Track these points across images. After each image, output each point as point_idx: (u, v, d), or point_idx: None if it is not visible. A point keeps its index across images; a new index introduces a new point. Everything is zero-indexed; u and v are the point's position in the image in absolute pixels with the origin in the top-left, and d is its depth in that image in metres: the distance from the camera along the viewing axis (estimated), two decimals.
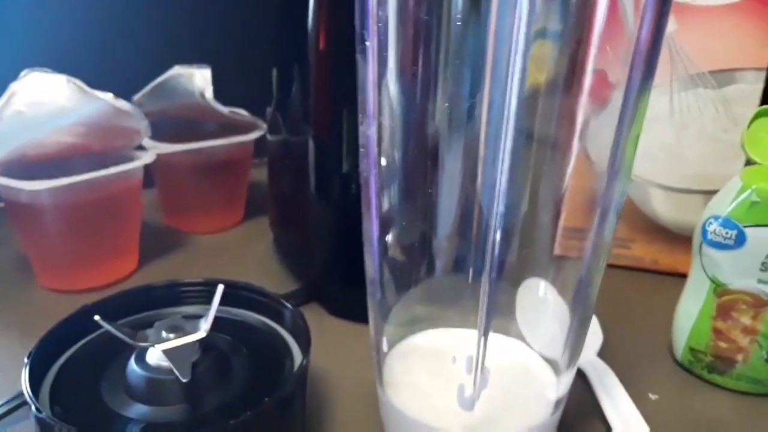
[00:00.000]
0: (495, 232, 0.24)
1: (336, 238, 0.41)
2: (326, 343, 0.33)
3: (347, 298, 0.40)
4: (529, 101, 0.25)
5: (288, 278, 0.44)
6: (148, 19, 0.55)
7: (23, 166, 0.41)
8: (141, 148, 0.45)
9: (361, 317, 0.39)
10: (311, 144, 0.39)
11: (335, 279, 0.41)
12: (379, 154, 0.28)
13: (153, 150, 0.44)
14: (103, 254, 0.42)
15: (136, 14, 0.54)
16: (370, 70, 0.26)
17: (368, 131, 0.28)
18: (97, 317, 0.27)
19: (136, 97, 0.49)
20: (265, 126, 0.49)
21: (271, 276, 0.45)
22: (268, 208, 0.48)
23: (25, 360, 0.27)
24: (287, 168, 0.44)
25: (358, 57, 0.26)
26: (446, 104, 0.27)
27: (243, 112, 0.51)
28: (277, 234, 0.48)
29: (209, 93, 0.46)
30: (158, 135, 0.45)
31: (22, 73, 0.40)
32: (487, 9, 0.23)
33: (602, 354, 0.36)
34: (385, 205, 0.29)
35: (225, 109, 0.48)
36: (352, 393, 0.33)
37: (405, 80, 0.26)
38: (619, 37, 0.25)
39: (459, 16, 0.23)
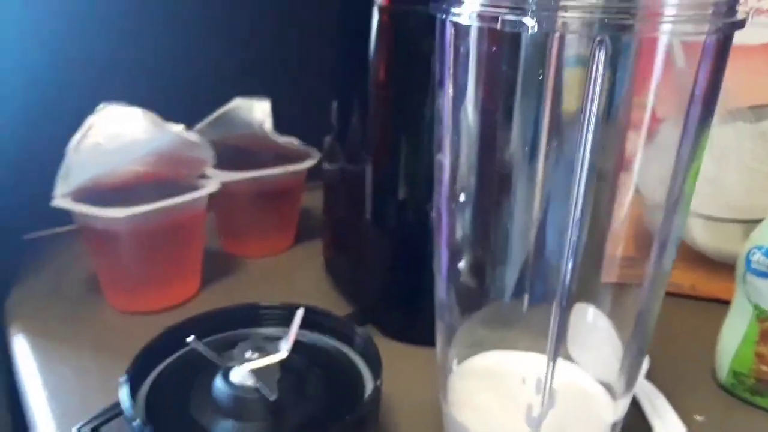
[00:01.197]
0: (568, 261, 0.26)
1: (391, 263, 0.43)
2: (384, 365, 0.35)
3: (402, 320, 0.43)
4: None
5: (340, 301, 0.47)
6: (211, 54, 0.58)
7: (96, 193, 0.44)
8: (203, 175, 0.47)
9: (416, 339, 0.42)
10: (369, 172, 0.42)
11: (390, 302, 0.44)
12: (452, 184, 0.30)
13: (216, 178, 0.47)
14: (169, 277, 0.45)
15: (200, 49, 0.58)
16: (446, 104, 0.28)
17: (443, 161, 0.30)
18: (190, 338, 0.29)
19: (199, 126, 0.51)
20: (317, 155, 0.52)
21: (323, 298, 0.47)
22: (322, 232, 0.50)
23: (123, 377, 0.29)
24: (344, 195, 0.46)
25: (437, 91, 0.28)
26: (518, 138, 0.29)
27: (296, 141, 0.54)
28: (330, 258, 0.50)
29: (268, 124, 0.49)
30: (218, 162, 0.47)
31: (99, 107, 0.43)
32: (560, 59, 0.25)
33: (649, 376, 0.38)
34: (457, 233, 0.31)
35: (281, 139, 0.50)
36: (414, 412, 0.35)
37: (480, 114, 0.28)
38: (668, 75, 0.28)
39: (534, 64, 0.25)
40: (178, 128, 0.43)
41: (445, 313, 0.33)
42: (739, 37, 0.42)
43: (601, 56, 0.21)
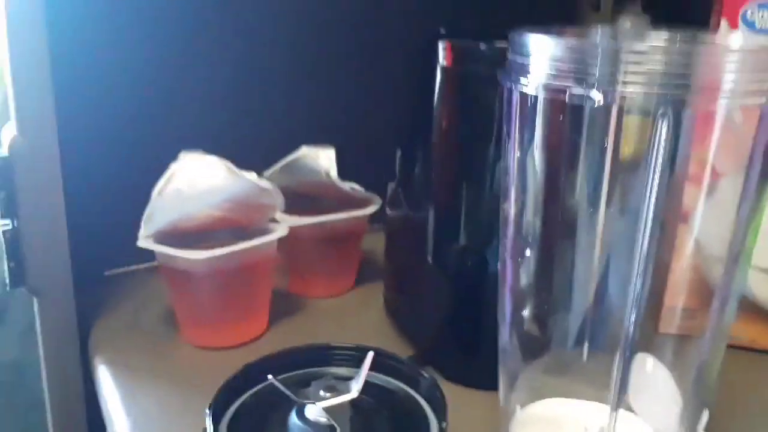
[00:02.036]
0: (632, 312, 0.28)
1: (452, 307, 0.45)
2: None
3: (462, 364, 0.44)
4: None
5: (400, 342, 0.48)
6: (280, 105, 0.62)
7: (175, 235, 0.47)
8: (273, 220, 0.50)
9: (475, 383, 0.43)
10: (431, 218, 0.44)
11: (450, 346, 0.45)
12: (517, 234, 0.32)
13: (284, 223, 0.49)
14: (241, 315, 0.48)
15: (273, 100, 0.62)
16: (512, 160, 0.30)
17: (508, 211, 0.32)
18: (270, 376, 0.32)
19: (268, 173, 0.55)
20: (379, 201, 0.54)
21: (384, 339, 0.49)
22: (384, 275, 0.52)
23: (208, 409, 0.32)
24: (406, 240, 0.49)
25: (504, 146, 0.30)
26: (581, 190, 0.31)
27: (358, 187, 0.56)
28: (390, 300, 0.52)
29: (333, 172, 0.52)
30: (286, 207, 0.50)
31: (181, 155, 0.47)
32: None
33: (708, 429, 0.38)
34: (521, 282, 0.33)
35: (346, 186, 0.53)
36: None
37: (544, 170, 0.30)
38: (727, 135, 0.29)
39: (596, 131, 0.27)
40: (252, 175, 0.46)
41: (508, 359, 0.34)
42: None
43: (663, 128, 0.23)
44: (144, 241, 0.46)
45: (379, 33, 0.64)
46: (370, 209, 0.53)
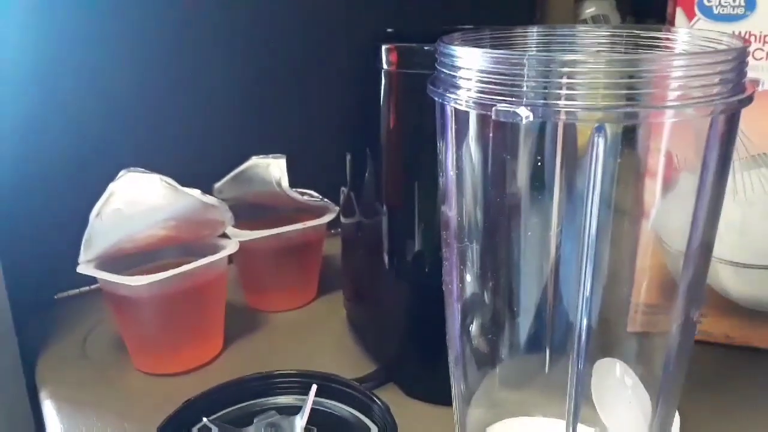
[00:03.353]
0: (582, 318, 0.26)
1: (411, 318, 0.43)
2: (406, 427, 0.34)
3: (424, 379, 0.42)
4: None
5: (363, 357, 0.46)
6: (228, 115, 0.60)
7: (119, 257, 0.45)
8: (223, 234, 0.48)
9: (438, 399, 0.41)
10: (385, 223, 0.42)
11: (411, 360, 0.43)
12: (460, 237, 0.30)
13: (235, 238, 0.47)
14: (192, 338, 0.45)
15: (217, 112, 0.59)
16: (448, 171, 0.28)
17: (449, 213, 0.30)
18: (205, 419, 0.29)
19: (217, 185, 0.52)
20: (336, 208, 0.52)
21: (346, 355, 0.47)
22: (342, 286, 0.50)
23: None
24: (361, 248, 0.46)
25: (440, 155, 0.28)
26: (526, 192, 0.29)
27: (314, 193, 0.54)
28: (350, 312, 0.50)
29: (285, 182, 0.49)
30: (237, 219, 0.48)
31: (120, 174, 0.44)
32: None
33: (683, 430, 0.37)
34: (467, 287, 0.31)
35: (299, 196, 0.51)
36: None
37: (482, 180, 0.28)
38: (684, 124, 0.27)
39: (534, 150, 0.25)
40: (195, 192, 0.44)
41: (460, 373, 0.32)
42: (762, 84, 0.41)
43: (600, 143, 0.21)
44: (84, 267, 0.44)
45: (324, 37, 0.62)
46: (326, 218, 0.51)
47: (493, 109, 0.21)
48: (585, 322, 0.29)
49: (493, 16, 0.56)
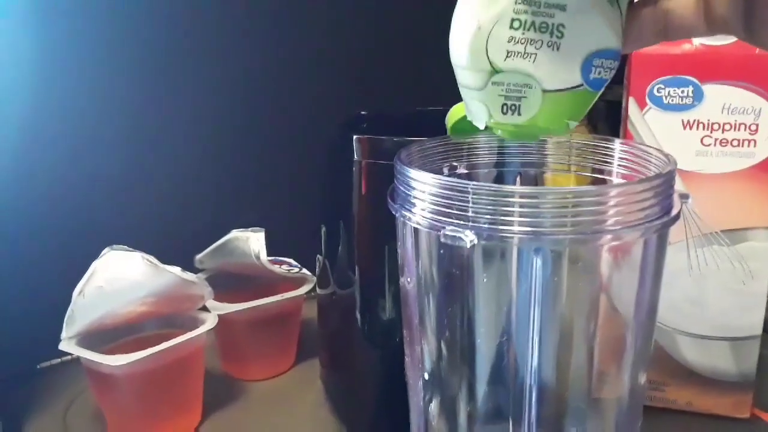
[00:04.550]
0: (531, 390, 0.27)
1: (383, 386, 0.44)
2: None
3: None
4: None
5: (339, 428, 0.47)
6: (210, 189, 0.63)
7: (100, 333, 0.46)
8: (203, 307, 0.49)
9: None
10: (358, 293, 0.44)
11: (384, 430, 0.44)
12: (420, 314, 0.31)
13: (215, 311, 0.49)
14: (172, 413, 0.46)
15: (200, 185, 0.62)
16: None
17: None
18: None
19: (198, 256, 0.54)
20: (313, 279, 0.53)
21: (322, 426, 0.48)
22: (319, 354, 0.52)
23: None
24: (335, 315, 0.48)
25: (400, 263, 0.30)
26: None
27: (293, 261, 0.56)
28: (327, 379, 0.51)
29: (263, 255, 0.51)
30: (217, 289, 0.50)
31: (103, 252, 0.46)
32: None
33: None
34: (426, 368, 0.32)
35: (277, 268, 0.52)
36: None
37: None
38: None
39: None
40: (176, 269, 0.45)
41: None
42: (708, 166, 0.44)
43: (538, 264, 0.23)
44: (66, 344, 0.45)
45: (302, 115, 0.64)
46: (303, 289, 0.53)
47: (442, 232, 0.23)
48: (534, 394, 0.31)
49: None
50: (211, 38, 0.61)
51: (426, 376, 0.32)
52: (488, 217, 0.23)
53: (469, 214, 0.23)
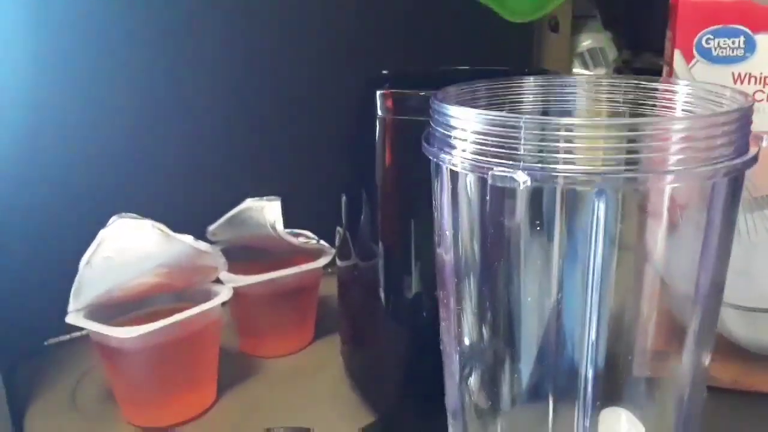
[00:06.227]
0: (588, 369, 0.25)
1: (409, 363, 0.42)
2: None
3: (423, 430, 0.41)
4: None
5: (359, 406, 0.45)
6: (222, 157, 0.60)
7: (109, 306, 0.44)
8: (217, 280, 0.47)
9: None
10: (381, 265, 0.41)
11: (410, 409, 0.42)
12: (458, 285, 0.29)
13: (229, 284, 0.46)
14: (184, 389, 0.44)
15: (211, 153, 0.59)
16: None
17: (444, 256, 0.28)
18: None
19: (211, 228, 0.51)
20: (332, 251, 0.51)
21: (344, 404, 0.45)
22: (339, 330, 0.49)
23: None
24: (357, 290, 0.45)
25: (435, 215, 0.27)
26: (527, 250, 0.28)
27: (310, 234, 0.53)
28: (348, 356, 0.49)
29: (279, 225, 0.48)
30: (231, 262, 0.47)
31: (111, 220, 0.43)
32: None
33: None
34: (464, 336, 0.30)
35: (294, 239, 0.50)
36: None
37: (480, 246, 0.27)
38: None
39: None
40: (188, 238, 0.43)
41: (460, 426, 0.31)
42: (760, 124, 0.41)
43: (601, 207, 0.20)
44: (73, 317, 0.42)
45: (319, 78, 0.62)
46: (322, 261, 0.50)
47: (490, 173, 0.20)
48: (591, 369, 0.28)
49: (490, 53, 0.56)
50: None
51: (466, 342, 0.29)
52: (542, 155, 0.20)
53: (521, 152, 0.20)
